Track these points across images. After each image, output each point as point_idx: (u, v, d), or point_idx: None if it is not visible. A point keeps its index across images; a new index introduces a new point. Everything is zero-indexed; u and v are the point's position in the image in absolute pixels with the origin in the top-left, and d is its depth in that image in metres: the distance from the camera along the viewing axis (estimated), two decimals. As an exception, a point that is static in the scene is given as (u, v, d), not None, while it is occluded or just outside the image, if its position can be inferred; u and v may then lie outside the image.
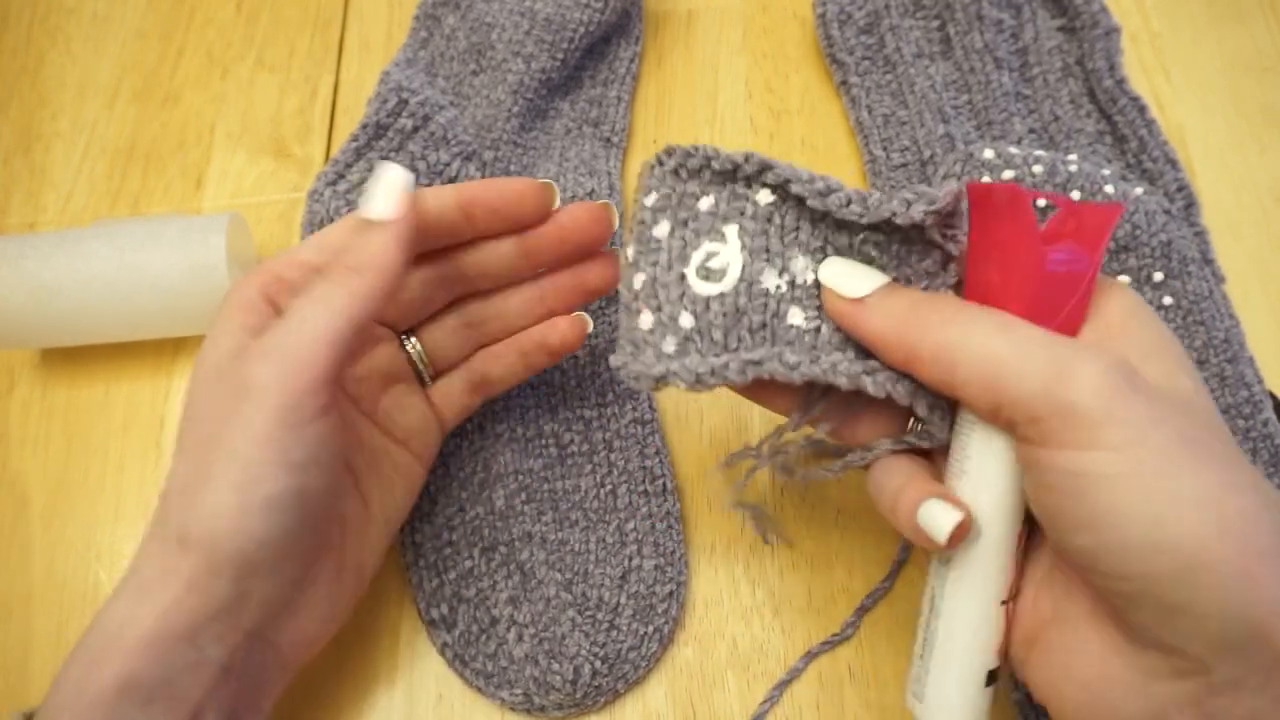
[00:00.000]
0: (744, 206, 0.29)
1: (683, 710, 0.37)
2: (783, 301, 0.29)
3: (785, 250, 0.29)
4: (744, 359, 0.28)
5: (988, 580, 0.27)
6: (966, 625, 0.28)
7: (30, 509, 0.42)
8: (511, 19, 0.47)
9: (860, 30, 0.49)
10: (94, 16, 0.54)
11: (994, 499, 0.27)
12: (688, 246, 0.29)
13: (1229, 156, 0.47)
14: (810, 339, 0.29)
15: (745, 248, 0.29)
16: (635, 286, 0.30)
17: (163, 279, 0.40)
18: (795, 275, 0.29)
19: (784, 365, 0.28)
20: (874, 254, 0.29)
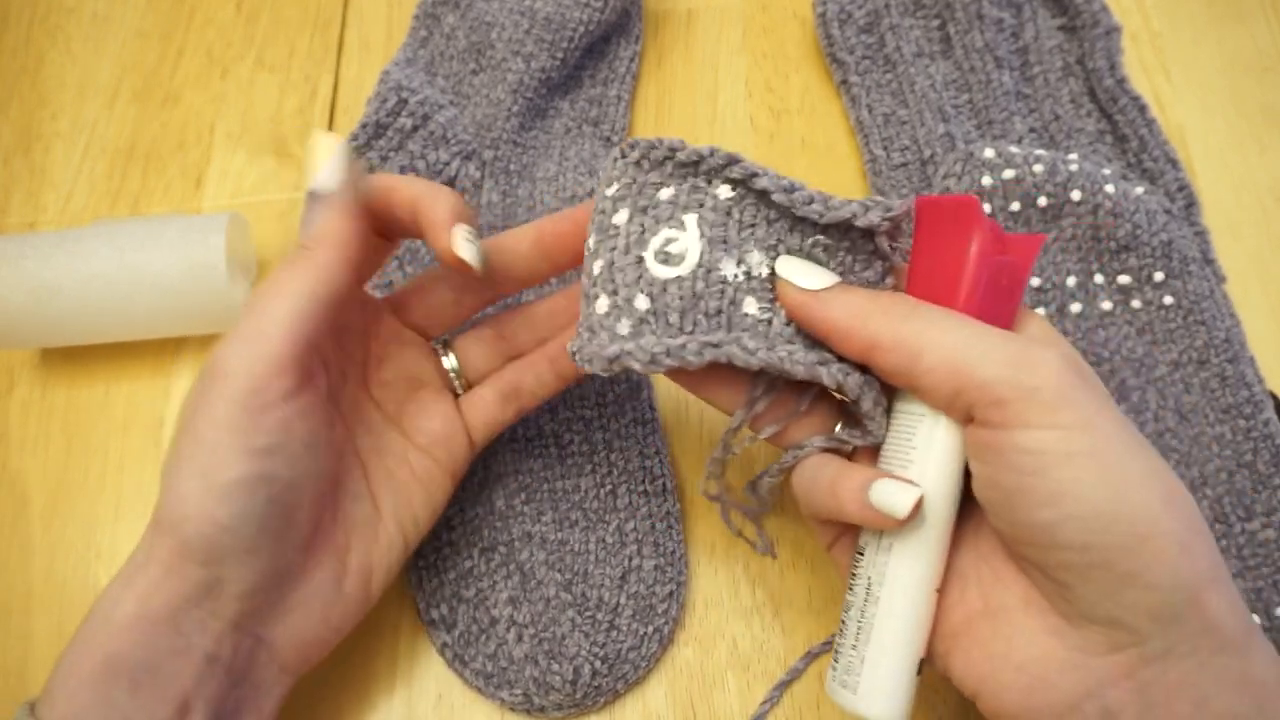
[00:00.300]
0: (704, 199, 0.30)
1: (683, 710, 0.37)
2: (739, 290, 0.29)
3: (742, 244, 0.30)
4: (702, 340, 0.28)
5: (928, 567, 0.28)
6: (906, 613, 0.28)
7: (30, 509, 0.42)
8: (511, 18, 0.47)
9: (860, 29, 0.49)
10: (94, 16, 0.54)
11: (939, 487, 0.28)
12: (646, 232, 0.30)
13: (1229, 156, 0.47)
14: (764, 329, 0.29)
15: (704, 236, 0.29)
16: (594, 272, 0.30)
17: (163, 279, 0.40)
18: (751, 267, 0.30)
19: (742, 350, 0.28)
20: (822, 257, 0.30)
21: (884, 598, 0.28)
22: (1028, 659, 0.26)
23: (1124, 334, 0.41)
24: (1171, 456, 0.39)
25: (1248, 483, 0.38)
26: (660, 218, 0.30)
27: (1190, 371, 0.41)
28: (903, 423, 0.29)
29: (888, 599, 0.28)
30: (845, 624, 0.29)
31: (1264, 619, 0.36)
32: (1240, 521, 0.38)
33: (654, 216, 0.30)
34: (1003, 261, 0.28)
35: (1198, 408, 0.40)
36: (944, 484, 0.28)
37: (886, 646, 0.28)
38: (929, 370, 0.26)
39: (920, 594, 0.28)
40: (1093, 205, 0.42)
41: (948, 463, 0.28)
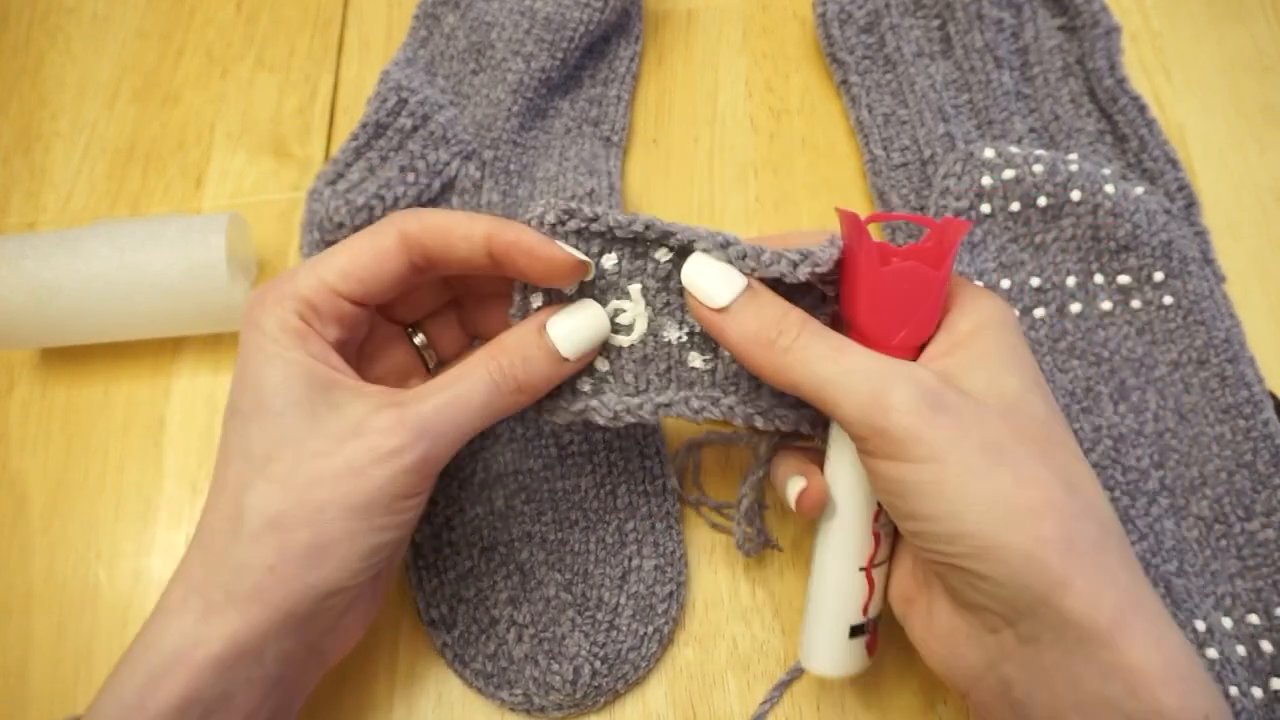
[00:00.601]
0: (645, 265, 0.33)
1: (683, 711, 0.37)
2: (683, 349, 0.33)
3: (684, 304, 0.33)
4: (656, 402, 0.33)
5: (846, 549, 0.32)
6: (831, 587, 0.33)
7: (30, 509, 0.42)
8: (511, 18, 0.47)
9: (860, 29, 0.49)
10: (94, 16, 0.54)
11: (847, 485, 0.32)
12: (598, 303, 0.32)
13: (1229, 156, 0.47)
14: (709, 378, 0.33)
15: (649, 304, 0.33)
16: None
17: (163, 279, 0.40)
18: (693, 325, 0.33)
19: (689, 409, 0.33)
20: None
21: (816, 574, 0.34)
22: (945, 631, 0.31)
23: (1124, 334, 0.41)
24: (1171, 456, 0.39)
25: (1247, 483, 0.38)
26: (608, 289, 0.33)
27: (1190, 371, 0.41)
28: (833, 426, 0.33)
29: (818, 575, 0.33)
30: (806, 600, 0.34)
31: (1264, 619, 0.36)
32: (1240, 521, 0.38)
33: (601, 288, 0.33)
34: (891, 272, 0.30)
35: (1198, 408, 0.40)
36: (851, 482, 0.32)
37: (821, 614, 0.33)
38: (809, 398, 0.30)
39: (843, 570, 0.33)
40: (1093, 205, 0.42)
41: (853, 465, 0.32)
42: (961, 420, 0.28)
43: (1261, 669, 0.36)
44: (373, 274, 0.31)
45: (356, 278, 0.31)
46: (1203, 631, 0.36)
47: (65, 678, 0.39)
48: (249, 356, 0.30)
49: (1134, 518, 0.37)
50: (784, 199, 0.47)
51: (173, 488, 0.42)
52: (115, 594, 0.40)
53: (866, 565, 0.33)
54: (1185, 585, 0.37)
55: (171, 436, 0.43)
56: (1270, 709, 0.35)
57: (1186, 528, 0.38)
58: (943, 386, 0.28)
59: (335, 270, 0.31)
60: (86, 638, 0.39)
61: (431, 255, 0.31)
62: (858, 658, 0.33)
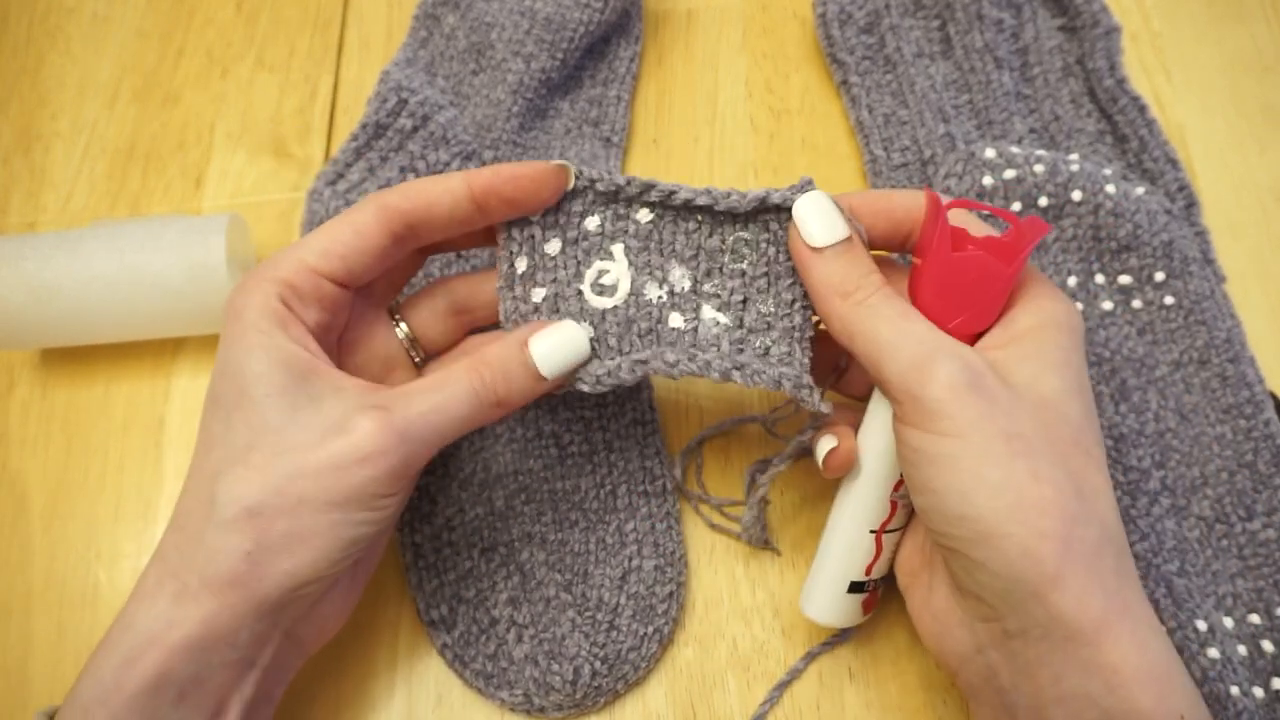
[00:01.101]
0: (627, 225, 0.33)
1: (683, 711, 0.37)
2: (664, 309, 0.34)
3: (665, 263, 0.34)
4: (633, 359, 0.33)
5: (862, 509, 0.34)
6: (840, 542, 0.34)
7: (30, 509, 0.42)
8: (511, 19, 0.47)
9: (860, 30, 0.49)
10: (94, 16, 0.54)
11: (875, 450, 0.33)
12: (581, 264, 0.33)
13: (1229, 156, 0.47)
14: (689, 338, 0.34)
15: (631, 264, 0.33)
16: (535, 300, 0.33)
17: (162, 279, 0.40)
18: (674, 285, 0.34)
19: (664, 363, 0.32)
20: (745, 250, 0.34)
21: (830, 528, 0.35)
22: (940, 610, 0.32)
23: (1125, 334, 0.41)
24: (1172, 456, 0.39)
25: (1248, 482, 0.38)
26: (591, 250, 0.33)
27: (1191, 371, 0.41)
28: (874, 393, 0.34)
29: (831, 530, 0.35)
30: (817, 551, 0.36)
31: (1265, 618, 0.36)
32: (1241, 521, 0.38)
33: (584, 249, 0.33)
34: (960, 258, 0.31)
35: (1198, 408, 0.40)
36: (880, 446, 0.33)
37: (826, 566, 0.35)
38: (858, 355, 0.31)
39: (854, 530, 0.34)
40: (1093, 205, 0.42)
41: (885, 433, 0.33)
42: (993, 405, 0.28)
43: (1263, 668, 0.36)
44: (353, 249, 0.31)
45: (337, 255, 0.31)
46: (1204, 631, 0.36)
47: (65, 678, 0.39)
48: (230, 344, 0.30)
49: (1135, 518, 0.37)
50: (784, 199, 0.47)
51: (173, 488, 0.42)
52: (115, 594, 0.40)
53: (879, 529, 0.34)
54: (1186, 585, 0.37)
55: (171, 436, 0.43)
56: (1271, 709, 0.35)
57: (1188, 527, 0.38)
58: (985, 370, 0.29)
59: (314, 250, 0.31)
60: (86, 638, 0.39)
61: (412, 221, 0.32)
62: (853, 612, 0.35)
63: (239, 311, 0.30)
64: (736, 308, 0.34)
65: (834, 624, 0.35)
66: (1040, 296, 0.32)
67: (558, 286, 0.33)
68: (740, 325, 0.34)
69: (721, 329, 0.34)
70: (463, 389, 0.31)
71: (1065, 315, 0.31)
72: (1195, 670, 0.34)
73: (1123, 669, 0.26)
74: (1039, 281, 0.32)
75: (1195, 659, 0.35)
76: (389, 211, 0.32)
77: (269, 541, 0.28)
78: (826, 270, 0.31)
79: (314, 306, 0.31)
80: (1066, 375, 0.30)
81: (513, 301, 0.34)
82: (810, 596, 0.35)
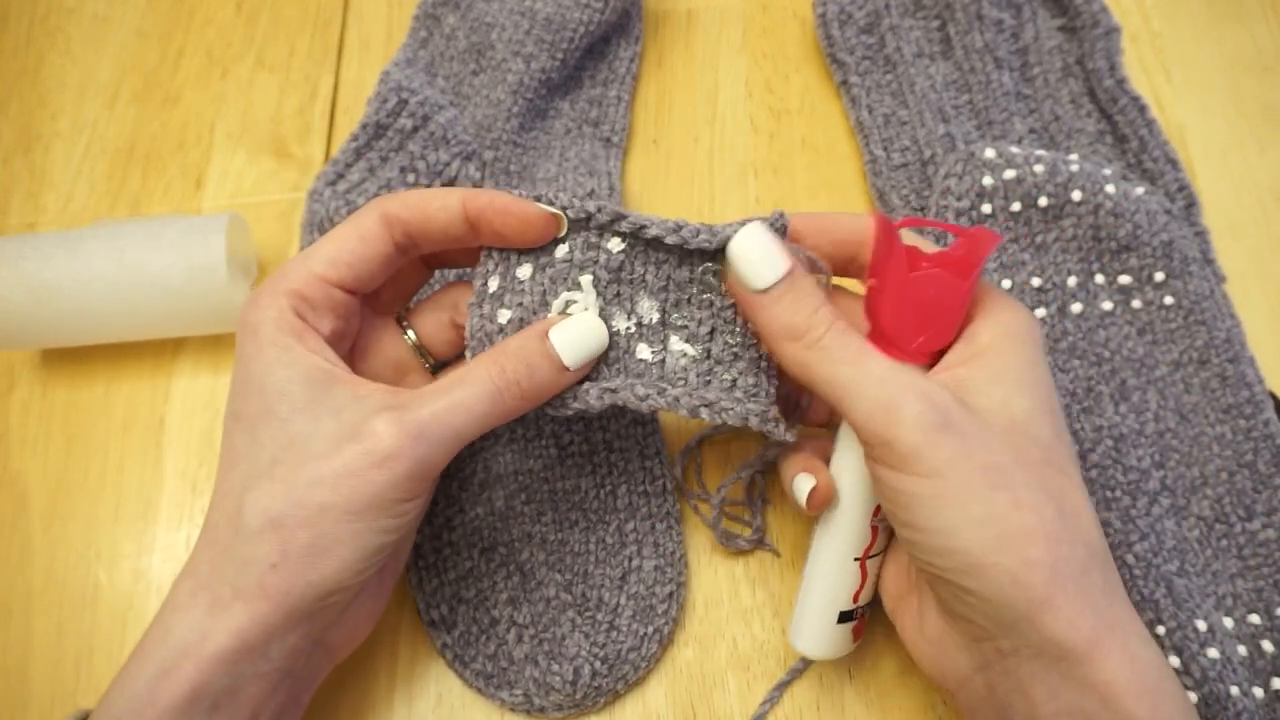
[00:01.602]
0: (597, 255, 0.33)
1: (683, 711, 0.37)
2: (631, 339, 0.34)
3: (634, 294, 0.34)
4: (602, 387, 0.33)
5: (844, 540, 0.34)
6: (825, 574, 0.34)
7: (30, 509, 0.42)
8: (511, 19, 0.47)
9: (860, 30, 0.49)
10: (94, 16, 0.54)
11: (850, 480, 0.33)
12: (548, 293, 0.33)
13: (1229, 156, 0.47)
14: (657, 370, 0.34)
15: (600, 295, 0.33)
16: (500, 320, 0.33)
17: (162, 279, 0.40)
18: (641, 316, 0.34)
19: (635, 396, 0.32)
20: (714, 281, 0.33)
21: (812, 560, 0.35)
22: (935, 634, 0.32)
23: (1124, 334, 0.41)
24: (1172, 456, 0.39)
25: (1248, 482, 0.38)
26: (559, 278, 0.33)
27: (1191, 371, 0.41)
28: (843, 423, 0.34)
29: (814, 562, 0.35)
30: (800, 583, 0.36)
31: (1265, 618, 0.36)
32: (1241, 521, 0.38)
33: (553, 277, 0.33)
34: (917, 278, 0.30)
35: (1198, 408, 0.40)
36: (855, 478, 0.33)
37: (813, 599, 0.34)
38: (824, 398, 0.30)
39: (837, 561, 0.34)
40: (1093, 205, 0.42)
41: (858, 463, 0.32)
42: (966, 441, 0.28)
43: (1263, 669, 0.36)
44: (359, 256, 0.31)
45: (345, 263, 0.31)
46: (1204, 631, 0.36)
47: (65, 678, 0.39)
48: (249, 360, 0.30)
49: (1135, 518, 0.37)
50: (784, 199, 0.47)
51: (173, 488, 0.42)
52: (115, 594, 0.40)
53: (862, 556, 0.34)
54: (1186, 585, 0.37)
55: (171, 436, 0.43)
56: (1271, 709, 0.35)
57: (1187, 528, 0.38)
58: (951, 404, 0.29)
59: (323, 259, 0.31)
60: (86, 638, 0.39)
61: (412, 230, 0.32)
62: (844, 642, 0.35)
63: (254, 327, 0.30)
64: (704, 339, 0.34)
65: (826, 656, 0.35)
66: (998, 308, 0.32)
67: (523, 311, 0.33)
68: (708, 356, 0.33)
69: (689, 360, 0.33)
70: (482, 385, 0.30)
71: (1025, 325, 0.31)
72: (1195, 670, 0.34)
73: (1116, 683, 0.26)
74: (994, 293, 0.32)
75: (1195, 659, 0.35)
76: (390, 218, 0.32)
77: (294, 552, 0.28)
78: (771, 314, 0.31)
79: (327, 315, 0.32)
80: (1036, 394, 0.30)
81: (480, 320, 0.33)
82: (800, 630, 0.35)
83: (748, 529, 0.40)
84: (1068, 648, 0.27)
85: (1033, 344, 0.31)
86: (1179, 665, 0.35)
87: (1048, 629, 0.27)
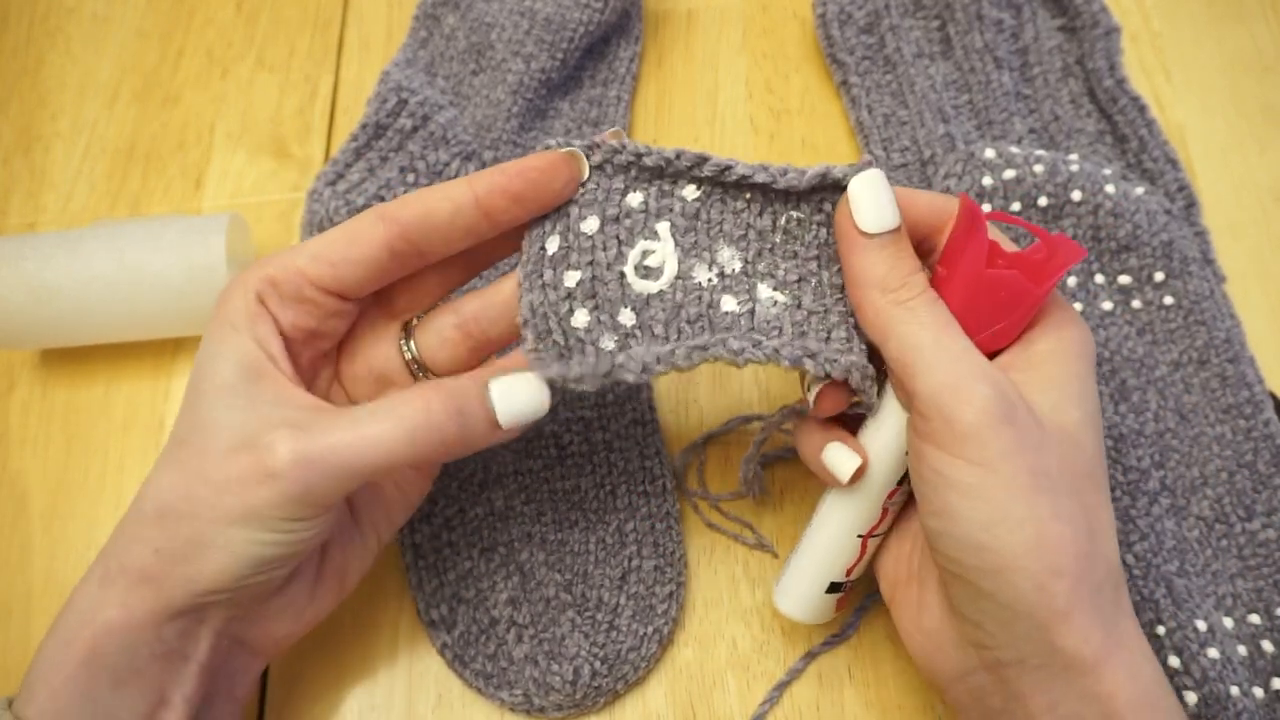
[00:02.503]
0: (672, 203, 0.31)
1: (682, 711, 0.37)
2: (715, 292, 0.31)
3: (712, 244, 0.31)
4: (690, 345, 0.29)
5: (856, 513, 0.33)
6: (825, 543, 0.34)
7: (30, 509, 0.42)
8: (511, 19, 0.47)
9: (860, 30, 0.49)
10: (94, 17, 0.54)
11: (879, 456, 0.32)
12: (623, 244, 0.30)
13: (1229, 156, 0.47)
14: (746, 321, 0.31)
15: (678, 244, 0.31)
16: (568, 284, 0.30)
17: (162, 279, 0.40)
18: (723, 266, 0.31)
19: (728, 351, 0.29)
20: (796, 230, 0.31)
21: (814, 527, 0.34)
22: (933, 628, 0.31)
23: (1124, 334, 0.41)
24: (1172, 456, 0.39)
25: (1248, 482, 0.38)
26: (634, 228, 0.30)
27: (1190, 371, 0.41)
28: (884, 389, 0.32)
29: (816, 529, 0.34)
30: (797, 544, 0.35)
31: (1265, 618, 0.36)
32: (1240, 521, 0.38)
33: (628, 227, 0.30)
34: (994, 275, 0.30)
35: (1198, 408, 0.40)
36: (885, 455, 0.32)
37: (806, 565, 0.34)
38: (888, 359, 0.30)
39: (841, 533, 0.33)
40: (1093, 205, 0.42)
41: (893, 440, 0.32)
42: (1023, 438, 0.28)
43: (1263, 669, 0.36)
44: (344, 256, 0.30)
45: (327, 260, 0.30)
46: (1204, 631, 0.36)
47: (65, 678, 0.39)
48: (205, 336, 0.30)
49: (1135, 518, 0.37)
50: (784, 199, 0.47)
51: (173, 488, 0.42)
52: (115, 594, 0.40)
53: (865, 534, 0.33)
54: (1186, 585, 0.37)
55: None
56: (1271, 708, 0.35)
57: (1187, 528, 0.38)
58: (1018, 399, 0.28)
59: (306, 253, 0.30)
60: (86, 638, 0.39)
61: (412, 232, 0.30)
62: (827, 611, 0.35)
63: (220, 305, 0.30)
64: (793, 287, 0.31)
65: (808, 620, 0.35)
66: (1060, 321, 0.31)
67: (595, 269, 0.30)
68: (799, 305, 0.31)
69: (781, 308, 0.31)
70: (399, 424, 0.28)
71: (1083, 342, 0.31)
72: (1195, 670, 0.34)
73: (1118, 696, 0.27)
74: (1057, 304, 0.32)
75: (1195, 659, 0.35)
76: (386, 218, 0.30)
77: (173, 546, 0.28)
78: (873, 259, 0.30)
79: (292, 308, 0.31)
80: (1085, 407, 0.30)
81: (541, 290, 0.30)
82: (786, 591, 0.35)
83: (748, 530, 0.40)
84: (1077, 660, 0.27)
85: (1088, 361, 0.31)
86: (1179, 665, 0.35)
87: (1061, 640, 0.27)
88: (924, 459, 0.29)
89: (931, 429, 0.28)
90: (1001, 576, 0.27)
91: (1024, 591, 0.27)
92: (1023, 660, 0.28)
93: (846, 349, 0.31)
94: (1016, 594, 0.27)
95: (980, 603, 0.28)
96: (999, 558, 0.27)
